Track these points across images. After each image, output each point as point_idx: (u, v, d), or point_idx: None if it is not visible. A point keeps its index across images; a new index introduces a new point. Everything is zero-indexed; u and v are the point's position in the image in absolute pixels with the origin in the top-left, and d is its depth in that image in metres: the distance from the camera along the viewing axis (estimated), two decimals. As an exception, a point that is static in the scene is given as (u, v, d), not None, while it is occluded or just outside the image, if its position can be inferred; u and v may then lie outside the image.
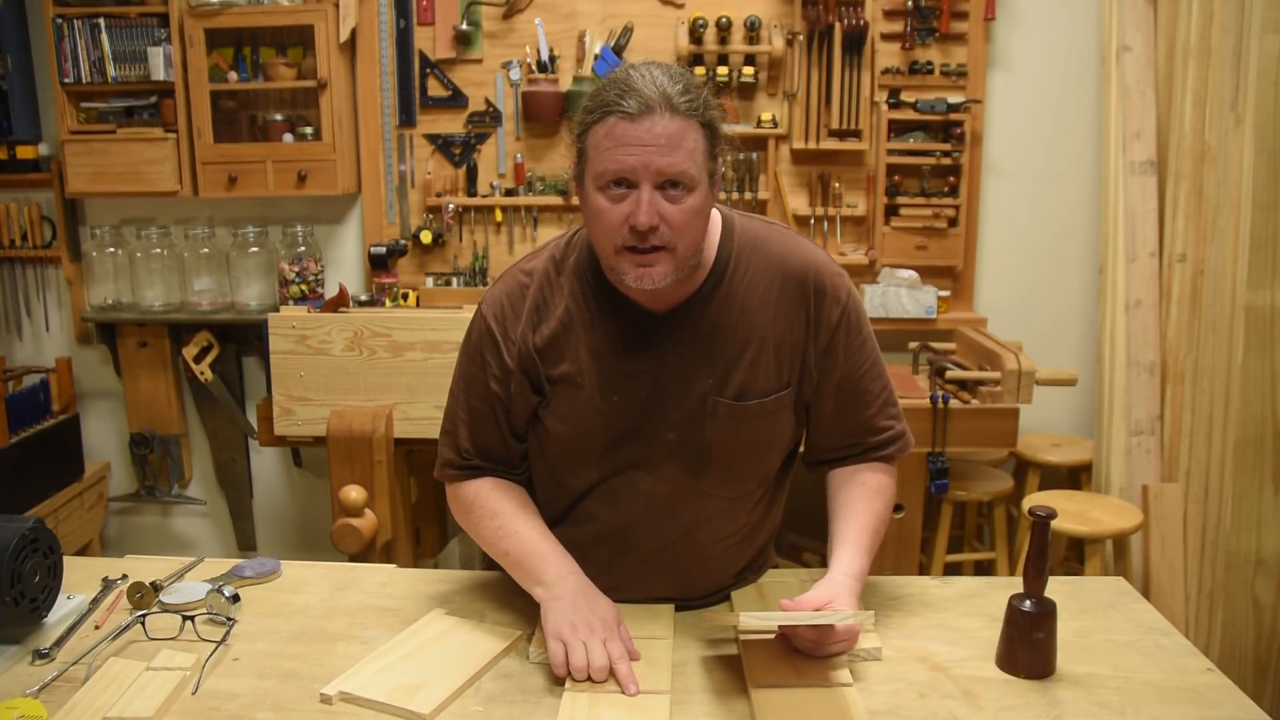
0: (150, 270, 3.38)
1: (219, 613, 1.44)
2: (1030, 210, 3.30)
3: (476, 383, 1.48)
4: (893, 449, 1.51)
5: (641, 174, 1.27)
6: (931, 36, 3.16)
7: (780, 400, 1.44)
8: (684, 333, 1.41)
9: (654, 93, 1.27)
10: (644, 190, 1.28)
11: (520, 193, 3.32)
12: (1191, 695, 1.27)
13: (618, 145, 1.27)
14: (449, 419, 1.52)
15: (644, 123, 1.26)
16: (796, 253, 1.46)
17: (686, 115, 1.28)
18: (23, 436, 3.14)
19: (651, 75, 1.29)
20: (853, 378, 1.47)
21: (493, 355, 1.46)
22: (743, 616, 1.23)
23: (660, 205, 1.28)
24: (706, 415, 1.42)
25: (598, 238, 1.35)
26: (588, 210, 1.34)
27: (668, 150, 1.27)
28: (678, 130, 1.27)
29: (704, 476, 1.45)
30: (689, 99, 1.29)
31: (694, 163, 1.29)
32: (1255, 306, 2.59)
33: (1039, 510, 1.30)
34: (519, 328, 1.44)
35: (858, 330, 1.47)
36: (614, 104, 1.27)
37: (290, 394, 2.85)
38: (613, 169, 1.28)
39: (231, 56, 3.23)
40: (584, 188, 1.34)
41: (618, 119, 1.27)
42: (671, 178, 1.28)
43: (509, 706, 1.25)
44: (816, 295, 1.44)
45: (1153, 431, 2.89)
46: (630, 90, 1.27)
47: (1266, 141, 2.56)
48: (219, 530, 3.71)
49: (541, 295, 1.45)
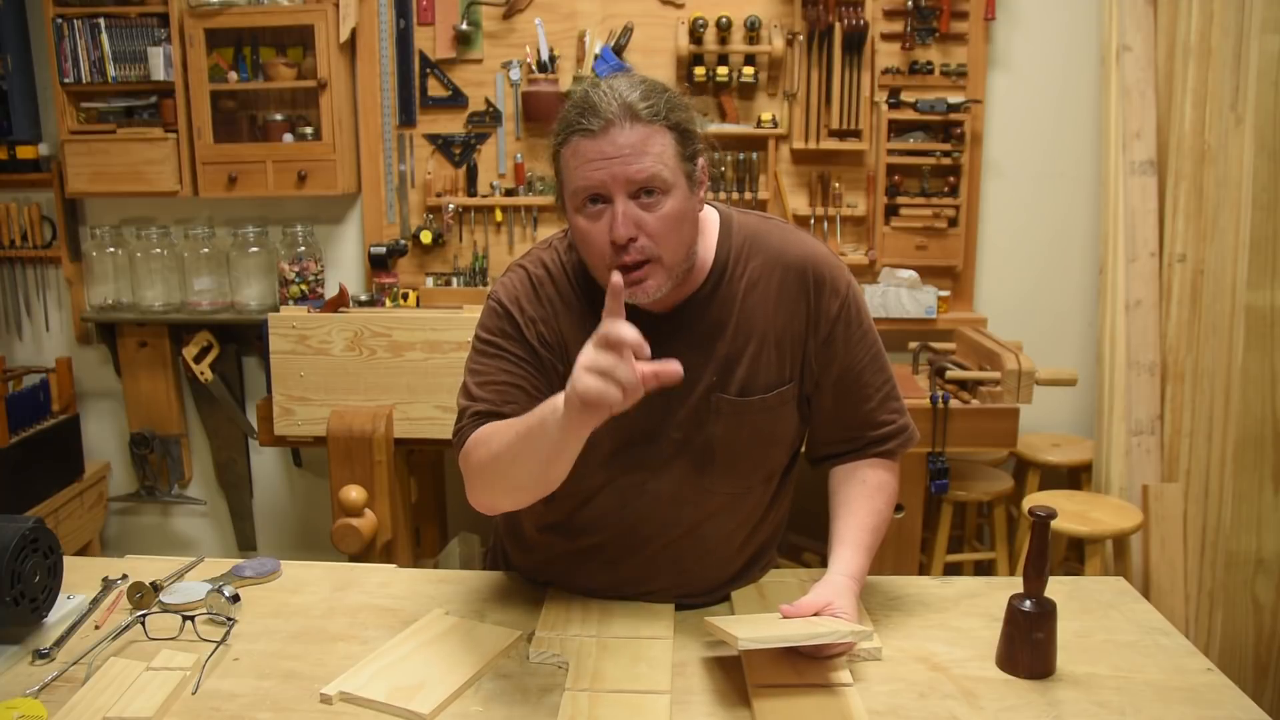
0: (150, 270, 3.38)
1: (219, 613, 1.44)
2: (1030, 210, 3.30)
3: (495, 362, 1.42)
4: (894, 443, 1.51)
5: (612, 186, 1.28)
6: (931, 36, 3.16)
7: (783, 395, 1.45)
8: (686, 332, 1.41)
9: (613, 105, 1.27)
10: (618, 202, 1.28)
11: (520, 193, 3.32)
12: (1191, 695, 1.27)
13: (584, 163, 1.28)
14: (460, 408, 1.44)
15: (606, 136, 1.27)
16: (795, 246, 1.46)
17: (649, 121, 1.28)
18: (23, 436, 3.14)
19: (611, 89, 1.30)
20: (853, 371, 1.47)
21: (512, 330, 1.42)
22: (741, 640, 1.23)
23: (636, 215, 1.29)
24: (710, 412, 1.42)
25: (590, 261, 1.35)
26: (574, 234, 1.35)
27: (633, 158, 1.27)
28: (640, 137, 1.28)
29: (708, 473, 1.45)
30: (649, 104, 1.29)
31: (664, 165, 1.29)
32: (1255, 306, 2.58)
33: (1039, 510, 1.30)
34: (534, 310, 1.43)
35: (858, 323, 1.47)
36: (575, 123, 1.29)
37: (290, 394, 2.85)
38: (584, 186, 1.29)
39: (231, 56, 3.23)
40: (567, 211, 1.35)
41: (580, 137, 1.28)
42: (642, 185, 1.28)
43: (509, 706, 1.25)
44: (816, 287, 1.44)
45: (1153, 431, 2.89)
46: (589, 108, 1.28)
47: (1266, 141, 2.56)
48: (219, 530, 3.71)
49: (554, 291, 1.45)
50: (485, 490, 1.37)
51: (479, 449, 1.36)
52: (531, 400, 1.36)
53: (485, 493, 1.37)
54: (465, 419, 1.41)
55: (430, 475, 3.32)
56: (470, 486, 1.40)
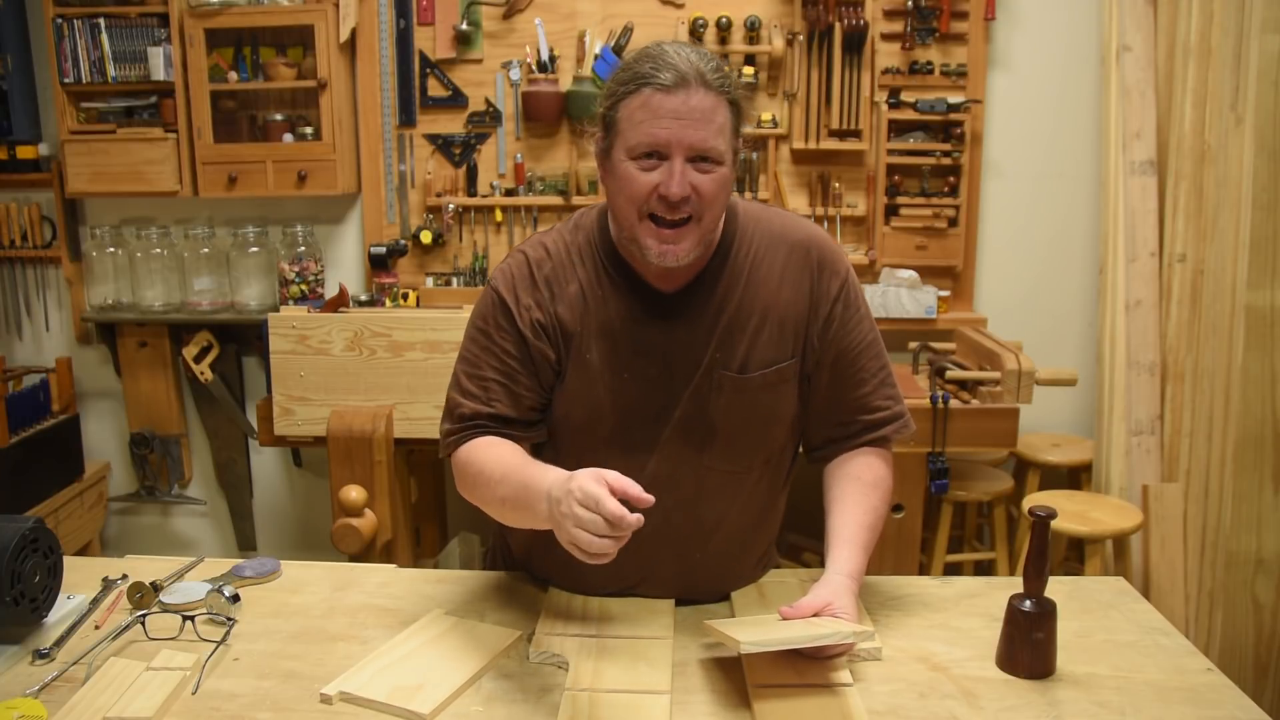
0: (150, 270, 3.38)
1: (219, 613, 1.44)
2: (1030, 210, 3.30)
3: (485, 354, 1.44)
4: (889, 429, 1.50)
5: (675, 147, 1.30)
6: (931, 36, 3.16)
7: (783, 372, 1.45)
8: (693, 310, 1.43)
9: (688, 67, 1.29)
10: (676, 162, 1.30)
11: (520, 193, 3.32)
12: (1191, 695, 1.27)
13: (652, 117, 1.29)
14: (448, 400, 1.48)
15: (679, 95, 1.29)
16: (795, 227, 1.49)
17: (719, 91, 1.31)
18: (23, 436, 3.14)
19: (683, 52, 1.32)
20: (849, 353, 1.48)
21: (505, 322, 1.44)
22: (743, 644, 1.23)
23: (691, 176, 1.31)
24: (711, 388, 1.43)
25: (621, 206, 1.36)
26: (614, 179, 1.35)
27: (701, 124, 1.29)
28: (710, 105, 1.30)
29: (708, 451, 1.45)
30: (720, 76, 1.32)
31: (723, 138, 1.32)
32: (1255, 306, 2.58)
33: (1039, 510, 1.30)
34: (531, 297, 1.44)
35: (855, 306, 1.48)
36: (649, 76, 1.29)
37: (290, 394, 2.85)
38: (647, 141, 1.30)
39: (231, 56, 3.23)
40: (610, 159, 1.35)
41: (653, 90, 1.29)
42: (703, 152, 1.31)
43: (509, 706, 1.25)
44: (819, 267, 1.46)
45: (1153, 431, 2.89)
46: (665, 64, 1.29)
47: (1266, 141, 2.56)
48: (219, 530, 3.71)
49: (554, 272, 1.45)
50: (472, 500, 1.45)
51: (469, 469, 1.42)
52: (515, 400, 1.42)
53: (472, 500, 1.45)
54: (454, 420, 1.46)
55: (430, 475, 3.32)
56: (460, 484, 1.47)
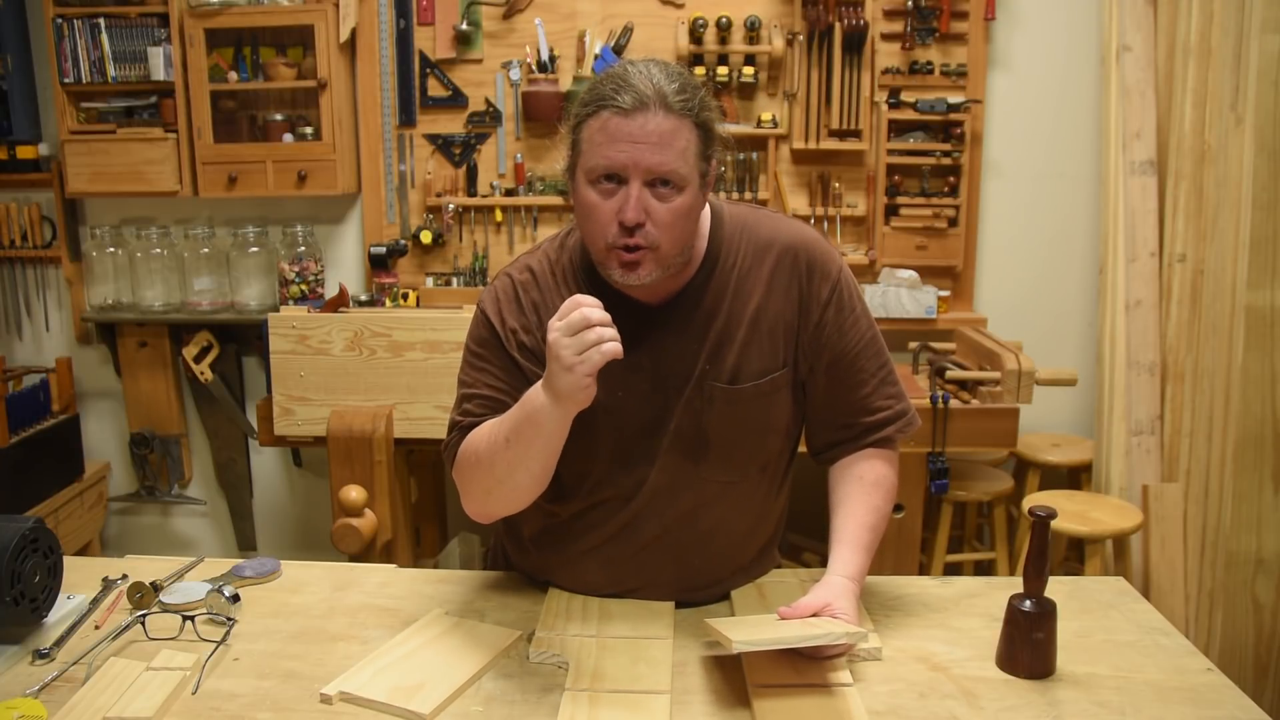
0: (150, 270, 3.38)
1: (219, 613, 1.44)
2: (1030, 210, 3.30)
3: (481, 375, 1.46)
4: (892, 429, 1.49)
5: (631, 170, 1.28)
6: (931, 36, 3.16)
7: (775, 382, 1.45)
8: (680, 322, 1.42)
9: (649, 90, 1.27)
10: (633, 186, 1.28)
11: (520, 193, 3.32)
12: (1191, 695, 1.27)
13: (609, 140, 1.28)
14: (450, 422, 1.49)
15: (637, 119, 1.27)
16: (785, 231, 1.47)
17: (680, 114, 1.28)
18: (23, 436, 3.14)
19: (649, 72, 1.29)
20: (847, 356, 1.46)
21: (495, 345, 1.45)
22: (735, 642, 1.23)
23: (648, 202, 1.29)
24: (704, 401, 1.43)
25: (589, 233, 1.35)
26: (579, 204, 1.34)
27: (659, 148, 1.27)
28: (670, 129, 1.27)
29: (704, 462, 1.45)
30: (684, 98, 1.29)
31: (685, 162, 1.29)
32: (1255, 306, 2.58)
33: (1039, 510, 1.30)
34: (516, 320, 1.45)
35: (850, 308, 1.46)
36: (609, 98, 1.28)
37: (290, 394, 2.85)
38: (603, 164, 1.29)
39: (231, 56, 3.23)
40: (575, 180, 1.34)
41: (611, 114, 1.28)
42: (661, 176, 1.28)
43: (509, 706, 1.25)
44: (807, 272, 1.44)
45: (1153, 431, 2.89)
46: (626, 86, 1.27)
47: (1266, 141, 2.56)
48: (219, 530, 3.71)
49: (540, 295, 1.45)
50: (480, 498, 1.42)
51: (468, 455, 1.41)
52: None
53: (480, 500, 1.42)
54: (453, 434, 1.46)
55: (430, 475, 3.32)
56: (465, 495, 1.45)
